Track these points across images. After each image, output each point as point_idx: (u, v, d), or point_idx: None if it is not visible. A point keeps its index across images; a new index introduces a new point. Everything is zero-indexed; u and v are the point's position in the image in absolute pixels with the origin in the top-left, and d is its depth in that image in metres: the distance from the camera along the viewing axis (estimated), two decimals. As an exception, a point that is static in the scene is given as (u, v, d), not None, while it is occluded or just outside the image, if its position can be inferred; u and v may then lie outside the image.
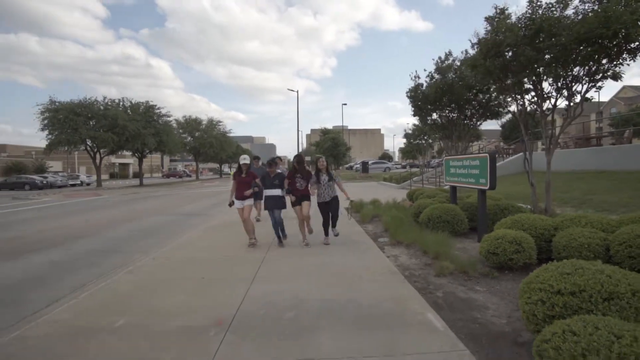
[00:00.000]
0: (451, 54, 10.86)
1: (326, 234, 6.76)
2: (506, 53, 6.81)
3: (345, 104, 74.42)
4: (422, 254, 5.89)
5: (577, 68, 6.41)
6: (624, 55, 5.90)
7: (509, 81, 7.13)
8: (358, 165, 42.25)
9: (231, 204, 6.72)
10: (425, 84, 11.17)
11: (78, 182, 38.40)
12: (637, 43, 5.73)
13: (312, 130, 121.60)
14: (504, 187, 13.92)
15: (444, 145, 12.40)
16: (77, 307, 3.96)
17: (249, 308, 3.79)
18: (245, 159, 6.68)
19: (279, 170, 6.75)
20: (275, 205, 6.59)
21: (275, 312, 3.67)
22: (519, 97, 7.49)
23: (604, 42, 5.80)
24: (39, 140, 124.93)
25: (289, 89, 38.80)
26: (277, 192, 6.55)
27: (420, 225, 7.32)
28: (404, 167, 43.78)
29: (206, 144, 47.23)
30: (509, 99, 8.28)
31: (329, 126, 66.17)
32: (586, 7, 6.12)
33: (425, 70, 11.15)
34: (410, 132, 31.79)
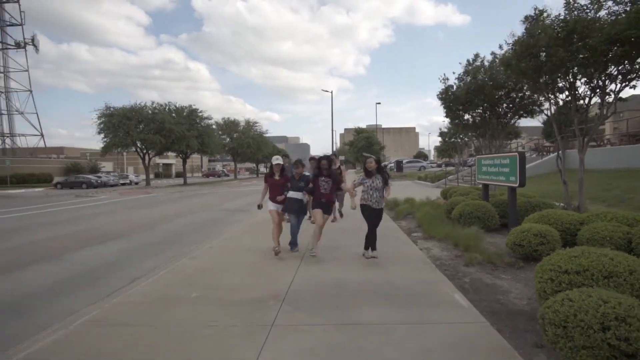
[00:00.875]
0: (479, 56, 11.07)
1: (372, 246, 5.61)
2: (540, 54, 7.04)
3: (379, 103, 74.53)
4: (453, 247, 6.33)
5: (611, 68, 6.55)
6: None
7: (542, 80, 7.34)
8: (392, 164, 42.23)
9: (260, 206, 6.25)
10: (455, 86, 11.43)
11: (127, 181, 41.29)
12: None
13: (345, 129, 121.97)
14: (541, 185, 13.79)
15: (477, 144, 12.56)
16: (156, 284, 4.79)
17: (298, 288, 4.44)
18: (277, 160, 6.19)
19: (306, 173, 6.27)
20: (293, 208, 6.06)
21: (321, 290, 4.31)
22: (552, 96, 7.67)
23: (637, 42, 5.95)
24: (92, 142, 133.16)
25: (323, 90, 39.63)
26: (298, 195, 6.02)
27: (452, 221, 7.69)
28: (439, 166, 43.22)
29: (244, 145, 49.06)
30: (542, 98, 8.43)
31: (363, 125, 66.40)
32: (618, 9, 6.27)
33: (454, 73, 11.28)
34: (445, 130, 31.50)
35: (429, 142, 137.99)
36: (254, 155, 52.84)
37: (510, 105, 11.10)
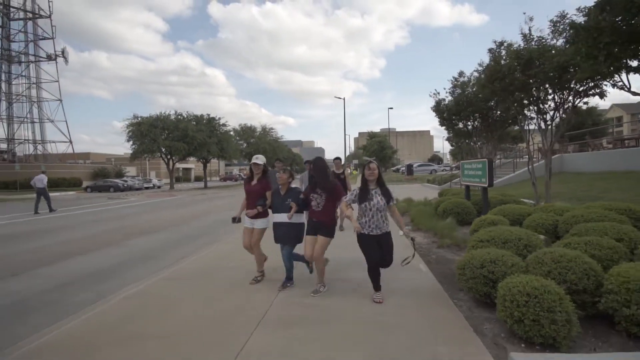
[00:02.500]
0: (464, 74, 12.54)
1: (377, 287, 4.20)
2: (505, 79, 8.50)
3: (391, 108, 75.61)
4: (432, 236, 7.80)
5: (562, 90, 7.95)
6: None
7: (510, 98, 8.78)
8: (404, 168, 43.46)
9: (235, 219, 4.86)
10: (447, 99, 12.91)
11: (151, 185, 43.75)
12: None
13: (359, 133, 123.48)
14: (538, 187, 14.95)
15: (487, 149, 13.87)
16: (200, 261, 6.45)
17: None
18: (256, 159, 4.78)
19: (294, 186, 4.74)
20: (285, 236, 4.56)
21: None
22: (521, 110, 9.09)
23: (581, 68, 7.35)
24: (115, 148, 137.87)
25: (336, 97, 41.08)
26: (284, 217, 4.49)
27: (438, 216, 9.15)
28: (452, 169, 44.23)
29: (260, 150, 51.10)
30: (512, 112, 9.84)
31: (377, 128, 67.87)
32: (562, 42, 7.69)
33: (444, 88, 12.81)
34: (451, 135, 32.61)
35: (443, 145, 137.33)
36: (270, 159, 54.86)
37: (502, 115, 12.47)
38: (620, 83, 6.27)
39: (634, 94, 6.29)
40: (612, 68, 5.74)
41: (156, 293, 4.68)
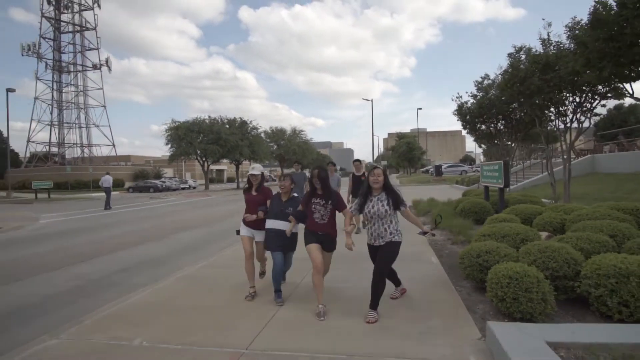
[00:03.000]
0: (488, 77, 12.77)
1: (374, 305, 3.73)
2: (522, 83, 8.81)
3: (420, 109, 74.44)
4: (449, 233, 8.27)
5: (577, 94, 8.18)
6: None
7: (528, 101, 9.07)
8: (432, 169, 43.21)
9: (239, 232, 4.77)
10: (469, 102, 13.19)
11: (187, 185, 46.08)
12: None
13: (389, 134, 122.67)
14: (577, 187, 14.59)
15: (523, 150, 14.06)
16: (236, 252, 7.27)
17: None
18: (253, 169, 4.64)
19: (295, 194, 4.49)
20: (273, 243, 4.31)
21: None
22: (539, 113, 9.34)
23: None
24: (152, 150, 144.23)
25: (363, 99, 41.60)
26: (281, 224, 4.29)
27: (457, 215, 9.56)
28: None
29: (290, 152, 52.33)
30: (530, 114, 10.07)
31: (407, 129, 67.54)
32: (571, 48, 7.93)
33: (467, 92, 13.11)
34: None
35: (475, 146, 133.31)
36: (299, 161, 56.07)
37: (523, 116, 12.62)
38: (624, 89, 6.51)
39: (637, 99, 6.50)
40: (613, 77, 6.02)
41: (200, 276, 5.54)
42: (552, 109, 8.81)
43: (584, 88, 7.83)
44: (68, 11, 61.98)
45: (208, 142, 35.43)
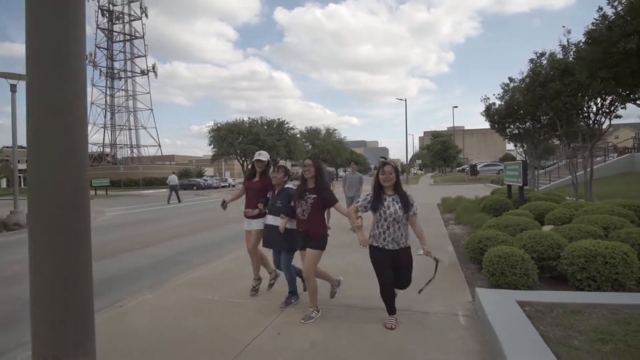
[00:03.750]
0: (514, 79, 13.13)
1: (390, 310, 3.62)
2: (543, 87, 9.32)
3: (456, 107, 73.54)
4: (469, 227, 8.98)
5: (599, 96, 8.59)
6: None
7: (550, 105, 9.55)
8: (467, 168, 42.78)
9: (224, 203, 4.77)
10: (496, 103, 13.61)
11: (227, 184, 48.60)
12: None
13: (424, 132, 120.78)
14: (611, 187, 14.52)
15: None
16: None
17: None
18: (259, 155, 4.45)
19: (289, 185, 4.23)
20: (276, 241, 4.12)
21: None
22: (562, 115, 9.77)
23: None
24: (193, 150, 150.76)
25: (398, 98, 41.91)
26: (272, 220, 4.15)
27: (480, 212, 10.20)
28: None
29: (324, 151, 53.63)
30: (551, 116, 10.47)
31: (444, 127, 66.82)
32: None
33: (494, 94, 13.50)
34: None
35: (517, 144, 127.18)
36: (333, 160, 57.23)
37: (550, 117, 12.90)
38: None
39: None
40: (615, 85, 6.52)
41: (247, 256, 6.70)
42: (574, 111, 9.23)
43: (602, 92, 8.26)
44: (119, 22, 66.86)
45: (247, 142, 37.40)
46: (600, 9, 6.49)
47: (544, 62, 9.61)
